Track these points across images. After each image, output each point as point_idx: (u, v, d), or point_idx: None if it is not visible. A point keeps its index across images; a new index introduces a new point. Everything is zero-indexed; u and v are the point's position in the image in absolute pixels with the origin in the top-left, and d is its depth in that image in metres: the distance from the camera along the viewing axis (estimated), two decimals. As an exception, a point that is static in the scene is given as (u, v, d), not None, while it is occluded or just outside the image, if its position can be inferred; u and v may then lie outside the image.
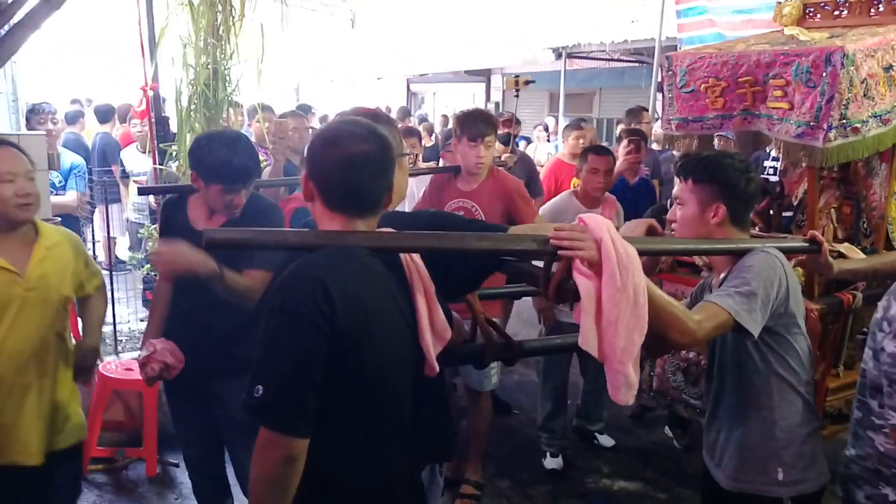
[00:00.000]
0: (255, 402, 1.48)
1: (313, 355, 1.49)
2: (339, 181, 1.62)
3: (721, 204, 2.06)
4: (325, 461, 1.60)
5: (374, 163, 1.63)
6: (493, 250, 1.71)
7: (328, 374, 1.52)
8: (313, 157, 1.64)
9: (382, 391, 1.62)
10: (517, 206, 3.52)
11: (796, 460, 2.06)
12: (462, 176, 3.59)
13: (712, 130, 3.26)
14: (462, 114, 3.69)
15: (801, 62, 2.76)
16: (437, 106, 18.19)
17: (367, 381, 1.58)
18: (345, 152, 1.61)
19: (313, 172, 1.64)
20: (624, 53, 10.71)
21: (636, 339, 1.57)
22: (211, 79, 4.01)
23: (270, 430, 1.49)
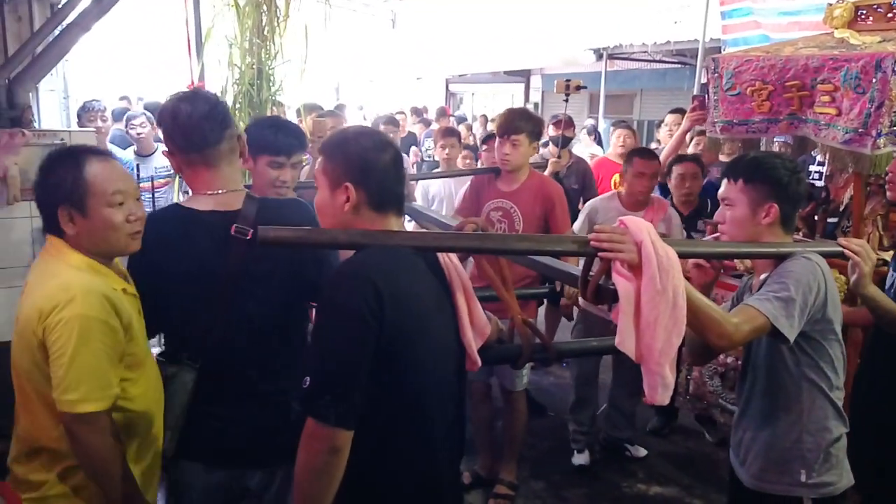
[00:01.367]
0: (302, 392, 1.53)
1: (360, 350, 1.53)
2: (388, 184, 1.70)
3: (774, 203, 2.05)
4: (375, 459, 1.65)
5: (402, 165, 1.75)
6: (534, 250, 1.74)
7: (378, 370, 1.56)
8: (366, 164, 1.67)
9: (430, 387, 1.67)
10: (555, 213, 3.52)
11: (820, 463, 2.06)
12: (503, 176, 3.59)
13: (757, 134, 3.23)
14: (504, 112, 3.71)
15: (850, 67, 2.72)
16: (476, 106, 18.20)
17: (415, 377, 1.63)
18: (391, 156, 1.69)
19: (363, 177, 1.66)
20: (666, 54, 10.58)
21: (674, 341, 1.59)
22: (256, 78, 4.09)
23: (315, 420, 1.53)
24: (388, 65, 15.64)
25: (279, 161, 2.56)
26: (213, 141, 1.97)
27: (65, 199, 1.78)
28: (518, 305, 1.92)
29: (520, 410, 3.69)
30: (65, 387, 1.70)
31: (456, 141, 5.15)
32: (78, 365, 1.69)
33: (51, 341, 1.70)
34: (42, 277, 1.79)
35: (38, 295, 1.74)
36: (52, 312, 1.70)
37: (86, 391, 1.70)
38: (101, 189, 1.79)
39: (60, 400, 1.70)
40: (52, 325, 1.70)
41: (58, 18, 3.80)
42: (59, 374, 1.70)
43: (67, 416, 1.71)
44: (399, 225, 1.76)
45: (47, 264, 1.82)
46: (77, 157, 1.80)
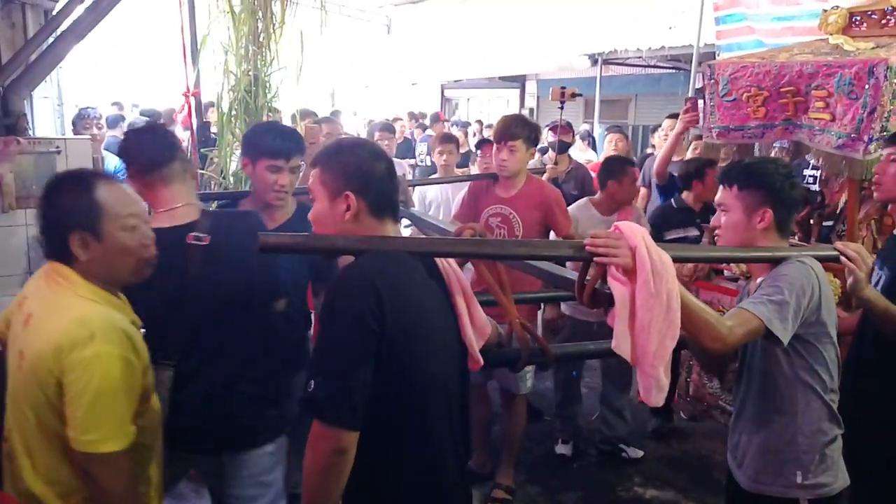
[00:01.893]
0: (307, 395, 1.57)
1: (363, 352, 1.57)
2: (385, 191, 1.75)
3: (768, 209, 2.08)
4: (378, 458, 1.67)
5: (395, 173, 1.82)
6: (531, 255, 1.76)
7: (380, 372, 1.59)
8: (366, 173, 1.72)
9: (433, 388, 1.70)
10: (554, 216, 3.55)
11: (816, 465, 2.08)
12: (501, 182, 3.61)
13: (753, 139, 3.25)
14: (499, 119, 3.74)
15: (843, 74, 2.75)
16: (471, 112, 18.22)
17: (416, 377, 1.66)
18: (385, 164, 1.76)
19: (363, 186, 1.71)
20: (661, 60, 10.63)
21: (668, 344, 1.62)
22: (252, 85, 4.08)
23: (320, 422, 1.56)
24: (384, 70, 15.66)
25: (277, 165, 2.58)
26: (165, 161, 2.16)
27: (77, 224, 1.71)
28: (516, 310, 1.94)
29: (519, 414, 3.71)
30: (84, 427, 1.63)
31: (454, 147, 5.18)
32: (98, 404, 1.63)
33: (70, 380, 1.63)
34: (52, 310, 1.70)
35: (52, 330, 1.65)
36: (71, 350, 1.62)
37: (106, 431, 1.64)
38: (114, 212, 1.74)
39: (79, 440, 1.63)
40: (71, 364, 1.62)
41: (52, 26, 3.81)
42: (77, 413, 1.63)
43: (85, 457, 1.65)
44: (396, 230, 1.82)
45: (55, 294, 1.73)
46: (86, 181, 1.76)
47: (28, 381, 1.67)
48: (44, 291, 1.76)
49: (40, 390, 1.66)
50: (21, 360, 1.70)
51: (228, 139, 4.15)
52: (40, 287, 1.78)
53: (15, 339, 1.76)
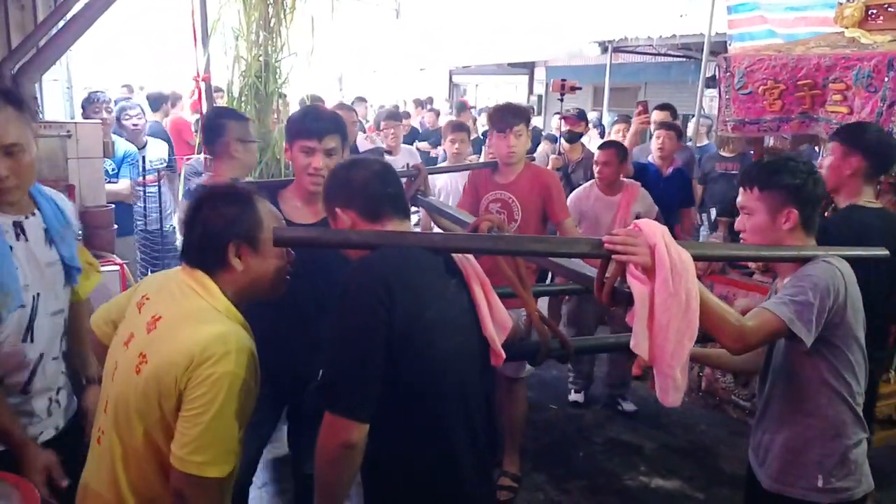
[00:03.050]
0: (318, 384, 1.61)
1: (372, 343, 1.58)
2: (374, 193, 1.79)
3: (792, 208, 2.04)
4: (396, 455, 1.70)
5: (390, 174, 1.87)
6: (549, 252, 1.75)
7: (392, 364, 1.59)
8: (344, 184, 1.82)
9: (448, 384, 1.69)
10: (552, 202, 3.57)
11: (838, 469, 2.05)
12: (500, 170, 3.64)
13: (769, 133, 3.24)
14: (491, 110, 3.79)
15: (862, 66, 2.73)
16: (480, 98, 18.16)
17: (431, 371, 1.66)
18: (369, 170, 1.82)
19: (349, 198, 1.80)
20: (671, 48, 10.55)
21: (686, 344, 1.61)
22: (262, 71, 4.06)
23: (331, 412, 1.58)
24: (392, 56, 15.60)
25: (309, 146, 2.48)
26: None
27: (238, 234, 1.73)
28: (534, 303, 1.93)
29: (520, 399, 3.73)
30: (195, 446, 1.56)
31: (465, 136, 5.18)
32: (216, 426, 1.57)
33: (193, 395, 1.57)
34: (189, 319, 1.66)
35: (189, 340, 1.60)
36: (203, 363, 1.57)
37: (214, 454, 1.58)
38: (271, 227, 1.76)
39: (186, 459, 1.56)
40: (200, 377, 1.57)
41: (63, 9, 3.78)
42: (192, 431, 1.56)
43: (186, 478, 1.57)
44: (403, 227, 1.83)
45: (191, 302, 1.70)
46: (248, 194, 1.80)
47: (147, 388, 1.61)
48: (176, 296, 1.72)
49: (157, 399, 1.60)
50: (142, 363, 1.64)
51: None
52: (170, 291, 1.74)
53: (133, 342, 1.70)
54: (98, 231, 3.67)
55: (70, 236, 2.13)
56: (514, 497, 3.62)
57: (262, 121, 4.16)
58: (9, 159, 1.85)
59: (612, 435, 4.31)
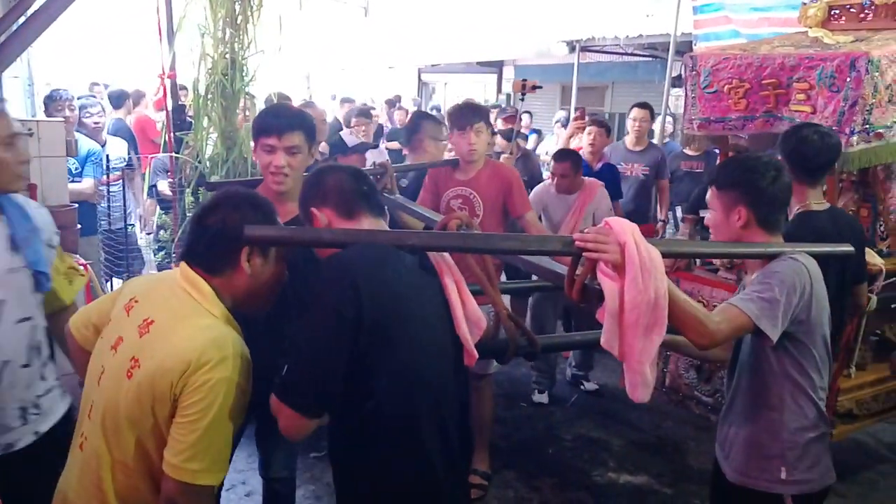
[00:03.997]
0: (279, 380, 1.61)
1: (334, 342, 1.57)
2: (346, 191, 1.81)
3: (742, 207, 2.09)
4: (367, 456, 1.68)
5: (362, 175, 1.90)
6: (520, 250, 1.75)
7: (363, 362, 1.59)
8: (318, 185, 1.84)
9: (419, 381, 1.68)
10: (513, 196, 3.57)
11: (800, 461, 2.10)
12: (461, 167, 3.64)
13: (734, 131, 3.28)
14: (451, 109, 3.78)
15: (825, 66, 2.77)
16: (449, 96, 18.14)
17: (403, 370, 1.65)
18: (345, 170, 1.87)
19: (323, 197, 1.81)
20: (638, 48, 10.64)
21: (655, 340, 1.62)
22: (229, 68, 4.01)
23: (283, 403, 1.59)
24: (360, 53, 15.52)
25: (270, 144, 2.41)
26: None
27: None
28: (503, 301, 1.93)
29: (487, 396, 3.73)
30: (191, 454, 1.53)
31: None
32: (212, 433, 1.54)
33: (190, 401, 1.53)
34: (183, 323, 1.63)
35: (184, 344, 1.57)
36: (200, 369, 1.54)
37: (210, 462, 1.55)
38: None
39: (181, 467, 1.53)
40: (197, 383, 1.53)
41: (23, 5, 3.70)
42: (188, 438, 1.53)
43: (179, 485, 1.54)
44: (377, 224, 1.82)
45: (185, 306, 1.67)
46: (269, 206, 1.81)
47: (141, 393, 1.57)
48: (168, 299, 1.68)
49: (151, 405, 1.56)
50: (134, 367, 1.59)
51: (204, 123, 4.09)
52: (162, 294, 1.71)
53: (123, 346, 1.65)
54: (61, 231, 3.59)
55: (37, 241, 2.08)
56: (484, 495, 3.63)
57: (228, 119, 4.11)
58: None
59: (581, 432, 4.33)
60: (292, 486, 2.90)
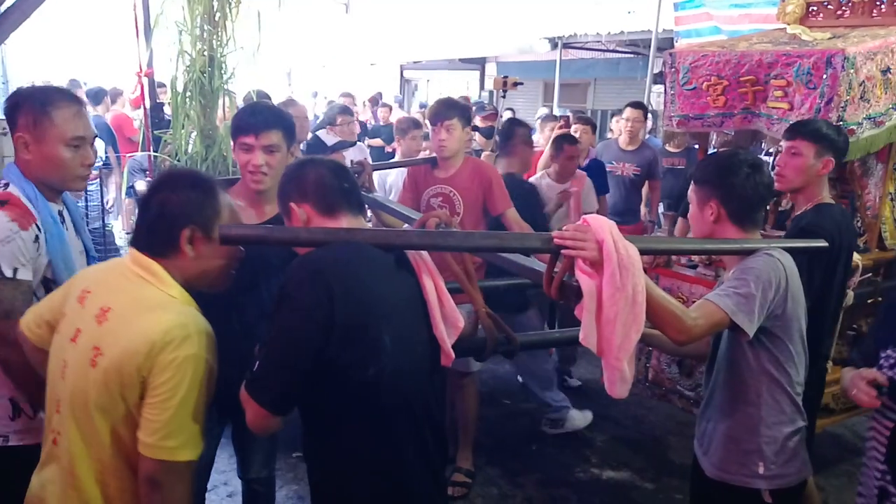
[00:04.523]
0: (249, 374, 1.62)
1: (303, 343, 1.57)
2: (328, 188, 1.77)
3: (714, 201, 2.13)
4: (340, 455, 1.68)
5: (344, 170, 1.86)
6: (499, 248, 1.75)
7: (335, 362, 1.58)
8: (298, 180, 1.80)
9: (394, 382, 1.67)
10: (493, 193, 3.56)
11: (777, 455, 2.11)
12: (440, 165, 3.63)
13: (713, 128, 3.29)
14: (430, 105, 3.76)
15: (802, 63, 2.79)
16: (431, 93, 18.12)
17: (375, 372, 1.63)
18: (324, 167, 1.81)
19: (303, 193, 1.77)
20: (620, 44, 10.69)
21: (633, 337, 1.63)
22: (207, 66, 3.97)
23: (250, 396, 1.60)
24: (342, 50, 15.45)
25: (248, 142, 2.38)
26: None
27: (194, 220, 1.70)
28: (482, 298, 1.92)
29: (471, 394, 3.73)
30: (166, 432, 1.55)
31: (419, 132, 5.17)
32: (184, 410, 1.56)
33: (160, 380, 1.55)
34: (142, 306, 1.62)
35: (146, 327, 1.57)
36: (165, 349, 1.55)
37: (186, 438, 1.57)
38: (228, 219, 1.76)
39: (157, 446, 1.55)
40: (164, 363, 1.55)
41: (-4, 2, 3.65)
42: (161, 417, 1.55)
43: (159, 465, 1.56)
44: (357, 222, 1.80)
45: (141, 290, 1.66)
46: (209, 182, 1.79)
47: (108, 380, 1.58)
48: (123, 286, 1.68)
49: (120, 391, 1.57)
50: (97, 356, 1.59)
51: (183, 121, 4.04)
52: (115, 281, 1.70)
53: (82, 337, 1.65)
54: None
55: (85, 228, 2.22)
56: (468, 492, 3.63)
57: (207, 117, 4.07)
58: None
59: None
60: (272, 486, 2.87)
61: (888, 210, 3.24)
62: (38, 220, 2.03)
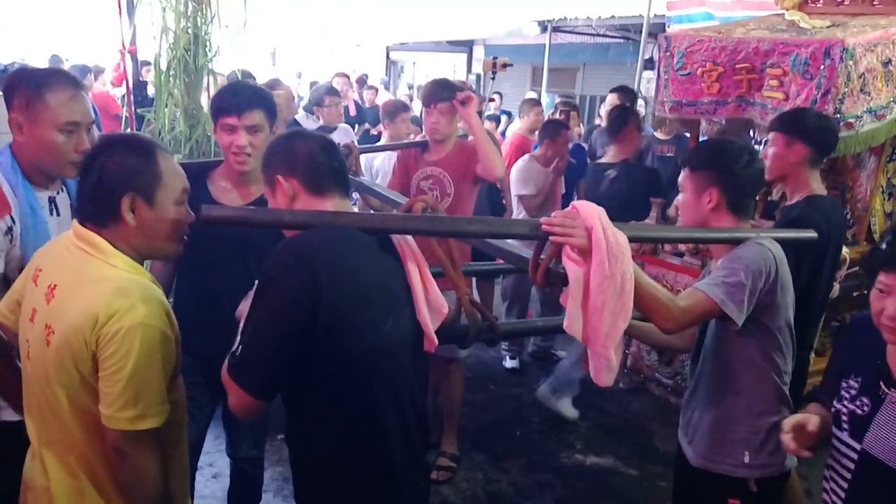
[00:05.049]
0: (232, 359, 1.59)
1: (288, 328, 1.55)
2: (319, 166, 1.72)
3: (714, 189, 2.08)
4: (323, 439, 1.68)
5: (334, 148, 1.79)
6: (486, 233, 1.73)
7: (319, 347, 1.56)
8: (287, 152, 1.73)
9: (379, 367, 1.66)
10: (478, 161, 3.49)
11: (763, 445, 2.10)
12: (430, 148, 3.61)
13: (706, 115, 3.26)
14: (423, 87, 3.74)
15: (799, 53, 2.75)
16: (417, 75, 18.01)
17: (361, 356, 1.62)
18: (316, 143, 1.75)
19: (292, 167, 1.72)
20: (610, 29, 10.64)
21: (620, 325, 1.62)
22: (191, 44, 3.90)
23: (232, 380, 1.58)
24: (327, 30, 15.29)
25: (230, 123, 2.36)
26: None
27: (134, 186, 1.63)
28: (465, 284, 1.90)
29: (457, 380, 3.73)
30: (122, 403, 1.54)
31: (407, 115, 5.12)
32: (137, 379, 1.54)
33: (107, 353, 1.54)
34: (85, 279, 1.59)
35: (89, 300, 1.55)
36: (109, 320, 1.53)
37: (144, 407, 1.56)
38: (170, 184, 1.69)
39: (116, 417, 1.55)
40: (108, 334, 1.53)
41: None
42: (115, 389, 1.54)
43: (121, 435, 1.56)
44: (343, 204, 1.77)
45: (84, 264, 1.62)
46: (148, 146, 1.70)
47: (61, 356, 1.57)
48: (67, 261, 1.64)
49: (74, 366, 1.57)
50: (49, 334, 1.58)
51: (166, 99, 3.98)
52: (61, 257, 1.66)
53: (37, 316, 1.63)
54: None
55: None
56: (452, 477, 3.63)
57: (191, 96, 4.01)
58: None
59: (548, 414, 4.34)
60: (260, 466, 2.88)
61: (878, 203, 3.23)
62: (15, 211, 1.97)
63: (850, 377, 1.82)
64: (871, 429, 1.72)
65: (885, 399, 1.72)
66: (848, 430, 1.78)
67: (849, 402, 1.80)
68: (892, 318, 1.62)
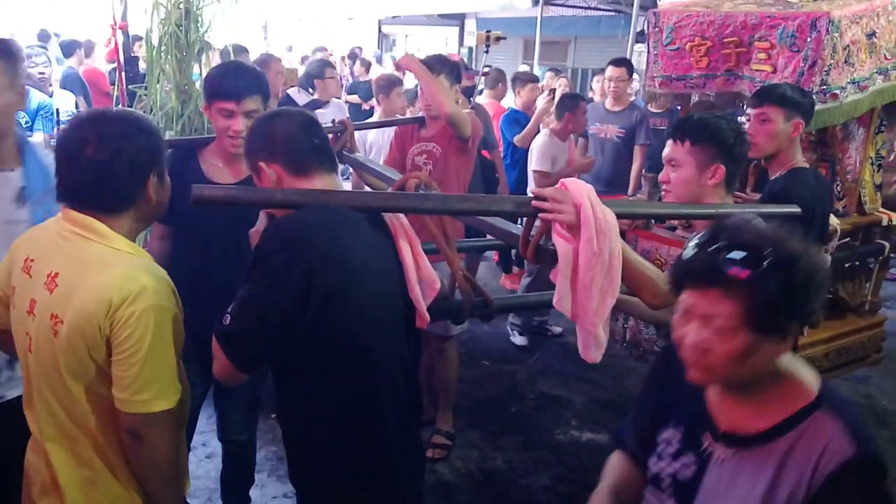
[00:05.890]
0: (221, 327, 1.60)
1: (277, 305, 1.56)
2: (299, 146, 1.71)
3: (720, 165, 2.08)
4: (317, 418, 1.69)
5: (314, 125, 1.78)
6: (475, 210, 1.74)
7: (313, 324, 1.57)
8: (266, 137, 1.72)
9: (372, 345, 1.67)
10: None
11: None
12: (426, 124, 3.60)
13: (695, 89, 3.28)
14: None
15: (786, 26, 2.77)
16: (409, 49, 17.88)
17: (355, 334, 1.64)
18: (295, 121, 1.73)
19: (272, 152, 1.71)
20: (601, 2, 10.57)
21: (608, 302, 1.63)
22: (183, 19, 3.87)
23: (222, 353, 1.60)
24: (319, 4, 15.14)
25: (228, 108, 2.35)
26: None
27: (156, 165, 1.64)
28: (458, 260, 1.92)
29: (451, 358, 3.73)
30: (138, 386, 1.54)
31: (401, 89, 5.11)
32: (153, 361, 1.54)
33: (122, 337, 1.52)
34: (90, 266, 1.56)
35: (99, 286, 1.52)
36: (122, 304, 1.51)
37: (159, 388, 1.56)
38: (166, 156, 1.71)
39: (131, 400, 1.54)
40: (123, 317, 1.51)
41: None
42: (130, 372, 1.53)
43: (138, 418, 1.55)
44: (331, 182, 1.76)
45: (85, 250, 1.59)
46: (149, 122, 1.70)
47: (73, 344, 1.54)
48: (65, 248, 1.60)
49: (87, 353, 1.55)
50: (57, 324, 1.55)
51: (158, 75, 3.95)
52: (56, 244, 1.62)
53: (38, 307, 1.60)
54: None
55: (51, 203, 1.96)
56: (448, 454, 3.65)
57: (183, 72, 3.98)
58: None
59: (543, 390, 4.38)
60: (252, 448, 2.88)
61: (868, 174, 3.26)
62: None
63: (669, 426, 1.47)
64: (698, 498, 1.35)
65: (710, 456, 1.35)
66: (674, 499, 1.41)
67: (670, 459, 1.43)
68: (695, 348, 1.27)
